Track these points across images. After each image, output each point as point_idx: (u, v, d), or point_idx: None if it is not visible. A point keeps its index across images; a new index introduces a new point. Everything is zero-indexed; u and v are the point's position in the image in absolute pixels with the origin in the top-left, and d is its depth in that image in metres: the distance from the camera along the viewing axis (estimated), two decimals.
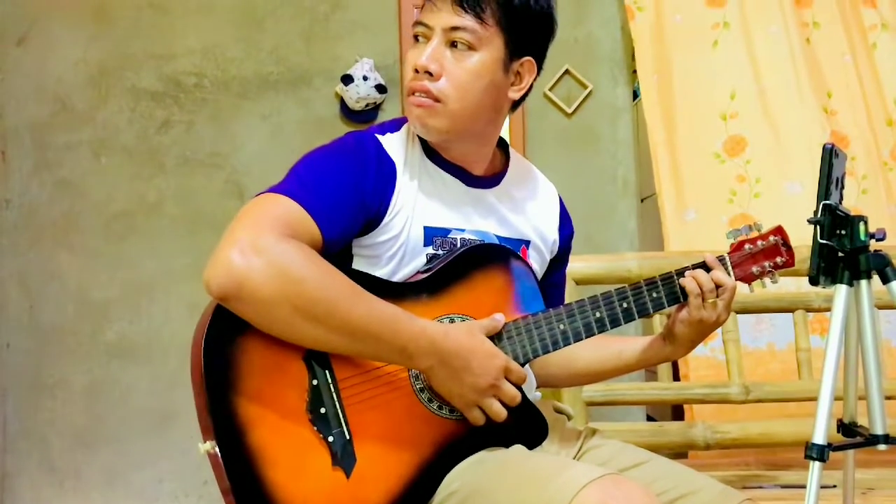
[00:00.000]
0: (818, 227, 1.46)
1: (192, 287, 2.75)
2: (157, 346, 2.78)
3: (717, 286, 1.29)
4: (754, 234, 1.36)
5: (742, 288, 1.38)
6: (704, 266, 1.31)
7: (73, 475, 2.76)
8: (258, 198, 1.13)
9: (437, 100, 1.21)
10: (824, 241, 1.46)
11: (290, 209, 1.11)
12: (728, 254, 1.35)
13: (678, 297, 1.31)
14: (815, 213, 1.46)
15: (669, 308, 1.33)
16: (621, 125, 2.85)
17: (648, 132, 2.76)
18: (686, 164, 2.72)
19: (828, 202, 1.46)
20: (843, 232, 1.49)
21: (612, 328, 1.29)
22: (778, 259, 1.36)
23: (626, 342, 1.43)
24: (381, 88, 2.76)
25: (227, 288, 1.04)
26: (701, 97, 2.74)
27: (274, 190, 1.14)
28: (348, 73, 2.75)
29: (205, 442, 1.09)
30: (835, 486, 1.85)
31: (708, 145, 2.72)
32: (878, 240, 1.49)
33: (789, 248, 1.37)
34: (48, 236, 2.80)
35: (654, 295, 1.30)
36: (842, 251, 1.50)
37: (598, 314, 1.27)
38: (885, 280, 1.51)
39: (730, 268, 1.34)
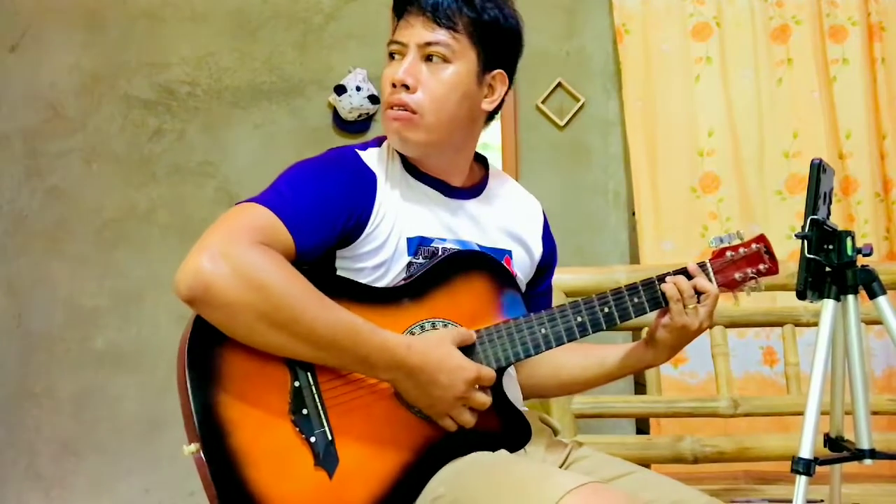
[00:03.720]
0: (805, 241, 1.47)
1: None
2: (146, 354, 2.77)
3: (700, 293, 1.30)
4: (737, 241, 1.37)
5: (729, 298, 1.39)
6: (686, 273, 1.32)
7: (59, 484, 2.74)
8: (234, 207, 1.16)
9: (414, 112, 1.24)
10: (812, 256, 1.47)
11: (263, 218, 1.14)
12: (710, 261, 1.36)
13: (659, 302, 1.31)
14: (803, 227, 1.48)
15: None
16: (613, 139, 2.86)
17: (630, 158, 2.79)
18: (665, 195, 2.76)
19: (815, 217, 1.47)
20: (831, 247, 1.50)
21: (593, 332, 1.29)
22: (761, 266, 1.36)
23: (609, 349, 1.44)
24: (373, 99, 2.76)
25: (195, 291, 1.06)
26: (682, 130, 2.77)
27: (251, 200, 1.17)
28: (341, 83, 2.76)
29: (189, 444, 1.10)
30: (822, 502, 1.85)
31: (686, 179, 2.76)
32: (865, 255, 1.50)
33: (772, 256, 1.37)
34: (38, 243, 2.79)
35: (636, 300, 1.30)
36: (829, 266, 1.51)
37: (579, 318, 1.28)
38: (872, 295, 1.52)
39: (711, 274, 1.34)
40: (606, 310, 1.29)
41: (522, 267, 1.38)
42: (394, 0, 1.29)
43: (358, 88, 2.75)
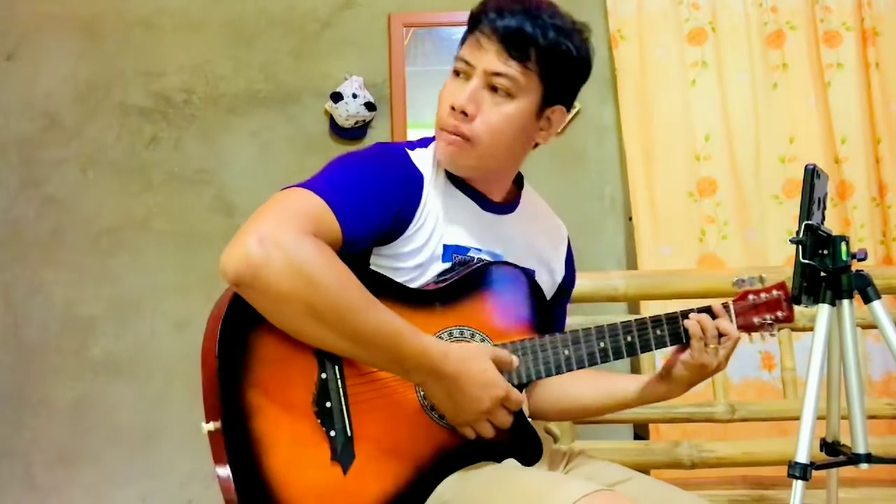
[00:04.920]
0: (800, 246, 1.48)
1: (178, 303, 2.74)
2: (143, 363, 2.76)
3: (721, 334, 1.32)
4: (758, 286, 1.38)
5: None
6: (710, 311, 1.33)
7: (55, 493, 2.73)
8: (284, 191, 1.15)
9: (467, 140, 1.24)
10: (806, 261, 1.48)
11: (314, 204, 1.12)
12: (733, 302, 1.37)
13: (680, 337, 1.33)
14: (798, 232, 1.48)
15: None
16: (608, 144, 2.86)
17: (627, 162, 2.79)
18: (662, 199, 2.75)
19: (810, 222, 1.47)
20: (825, 252, 1.50)
21: (614, 359, 1.30)
22: (779, 313, 1.38)
23: (619, 380, 1.45)
24: (370, 106, 2.77)
25: (243, 274, 1.05)
26: (678, 135, 2.77)
27: (300, 185, 1.15)
28: (338, 90, 2.76)
29: (207, 422, 1.10)
30: None
31: (683, 183, 2.76)
32: (859, 260, 1.51)
33: (790, 305, 1.39)
34: (34, 252, 2.79)
35: (658, 332, 1.32)
36: (824, 271, 1.51)
37: (602, 344, 1.29)
38: (867, 300, 1.53)
39: (733, 316, 1.35)
40: (629, 339, 1.30)
41: (543, 287, 1.38)
42: (471, 14, 1.26)
43: (354, 95, 2.75)
